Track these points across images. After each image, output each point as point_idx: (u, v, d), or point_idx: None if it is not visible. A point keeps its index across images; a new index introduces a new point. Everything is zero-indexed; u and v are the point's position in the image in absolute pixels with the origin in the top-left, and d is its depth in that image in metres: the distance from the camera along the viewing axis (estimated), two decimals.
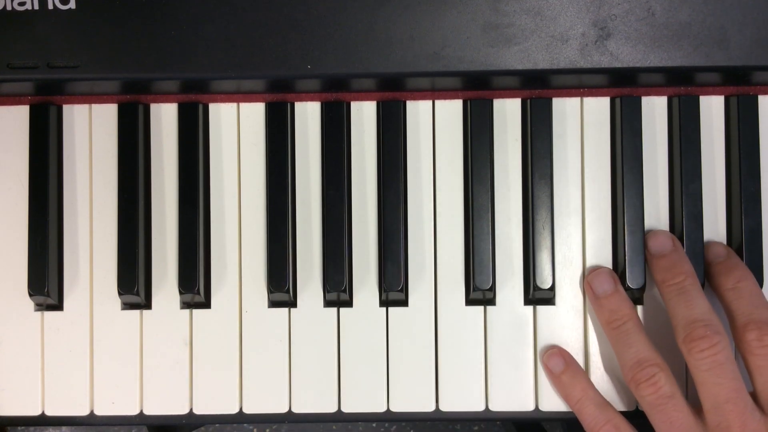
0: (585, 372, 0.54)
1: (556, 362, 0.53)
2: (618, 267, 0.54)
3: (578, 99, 0.55)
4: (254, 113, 0.55)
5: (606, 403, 0.52)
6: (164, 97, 0.55)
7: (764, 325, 0.49)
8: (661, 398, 0.50)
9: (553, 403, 0.54)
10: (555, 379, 0.53)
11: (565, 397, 0.53)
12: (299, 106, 0.55)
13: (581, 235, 0.55)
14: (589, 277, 0.53)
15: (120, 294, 0.53)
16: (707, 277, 0.53)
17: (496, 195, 0.54)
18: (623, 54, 0.51)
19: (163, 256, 0.55)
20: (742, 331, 0.50)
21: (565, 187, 0.54)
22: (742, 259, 0.53)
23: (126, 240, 0.54)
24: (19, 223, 0.54)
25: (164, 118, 0.55)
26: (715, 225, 0.54)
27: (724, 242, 0.54)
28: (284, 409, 0.54)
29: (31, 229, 0.54)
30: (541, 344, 0.54)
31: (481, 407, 0.54)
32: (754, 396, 0.50)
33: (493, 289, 0.53)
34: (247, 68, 0.51)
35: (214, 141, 0.55)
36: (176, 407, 0.54)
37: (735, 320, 0.50)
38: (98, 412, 0.54)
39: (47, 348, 0.55)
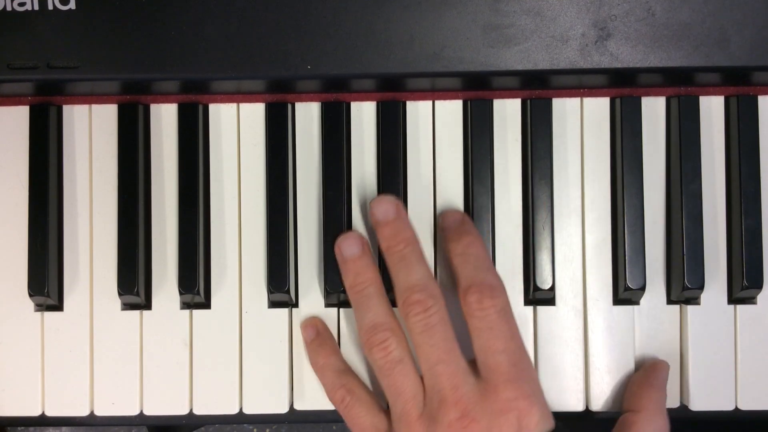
0: (334, 341, 0.54)
1: (309, 332, 0.54)
2: (618, 267, 0.54)
3: (578, 99, 0.55)
4: (254, 113, 0.55)
5: (346, 370, 0.53)
6: (164, 97, 0.55)
7: (485, 289, 0.49)
8: (389, 362, 0.50)
9: (552, 402, 0.54)
10: (306, 346, 0.54)
11: (312, 363, 0.54)
12: (299, 106, 0.55)
13: (581, 235, 0.55)
14: (338, 239, 0.53)
15: (120, 294, 0.53)
16: (443, 243, 0.53)
17: (496, 195, 0.54)
18: (623, 54, 0.51)
19: (163, 256, 0.55)
20: (464, 294, 0.49)
21: (565, 187, 0.54)
22: (741, 260, 0.53)
23: (126, 240, 0.54)
24: (19, 223, 0.54)
25: (164, 118, 0.55)
26: (715, 225, 0.54)
27: (724, 242, 0.54)
28: (284, 409, 0.54)
29: (31, 229, 0.54)
30: (541, 344, 0.54)
31: None
32: (474, 362, 0.49)
33: None
34: (247, 68, 0.51)
35: (214, 141, 0.55)
36: (176, 407, 0.54)
37: (460, 284, 0.50)
38: (98, 413, 0.54)
39: (47, 348, 0.55)
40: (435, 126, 0.55)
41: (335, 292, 0.53)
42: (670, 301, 0.54)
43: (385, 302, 0.52)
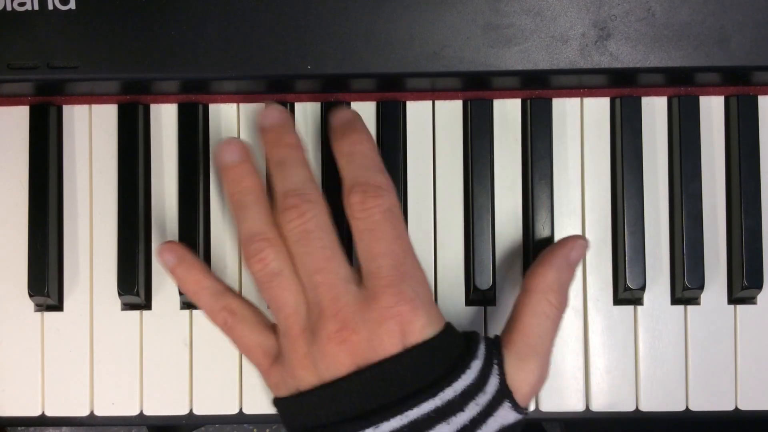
0: (201, 264, 0.51)
1: (167, 258, 0.50)
2: (618, 267, 0.54)
3: (578, 99, 0.55)
4: (254, 113, 0.55)
5: (223, 290, 0.50)
6: (164, 97, 0.55)
7: (369, 188, 0.46)
8: (267, 275, 0.47)
9: (552, 402, 0.54)
10: (171, 274, 0.51)
11: (183, 290, 0.51)
12: (299, 106, 0.55)
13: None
14: (217, 146, 0.51)
15: (120, 294, 0.53)
16: (331, 143, 0.50)
17: (496, 195, 0.54)
18: (623, 54, 0.51)
19: None
20: (347, 194, 0.47)
21: (565, 187, 0.54)
22: (741, 260, 0.53)
23: (126, 240, 0.54)
24: (19, 223, 0.54)
25: (164, 118, 0.55)
26: (715, 225, 0.54)
27: (724, 242, 0.54)
28: None
29: (31, 229, 0.54)
30: None
31: None
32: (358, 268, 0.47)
33: (493, 289, 0.53)
34: (247, 68, 0.51)
35: (215, 141, 0.55)
36: (176, 407, 0.54)
37: (344, 185, 0.47)
38: (98, 413, 0.54)
39: (47, 348, 0.55)
40: (435, 126, 0.55)
41: None
42: (674, 301, 0.54)
43: (263, 210, 0.48)
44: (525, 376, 0.46)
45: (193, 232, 0.54)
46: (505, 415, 0.45)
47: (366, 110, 0.55)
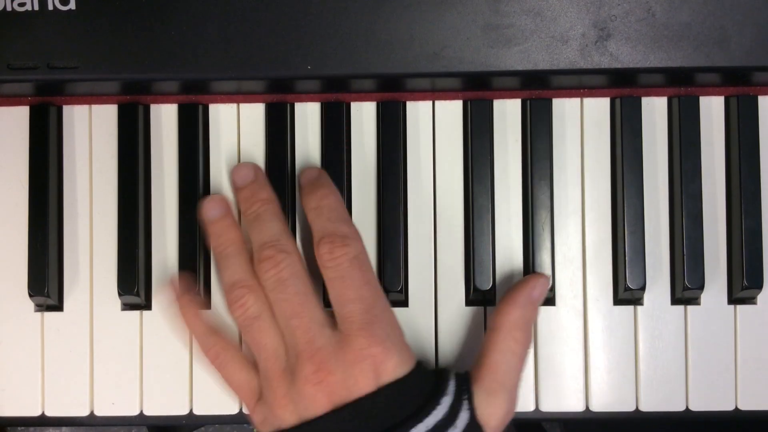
0: (201, 302, 0.54)
1: (177, 288, 0.53)
2: (618, 267, 0.54)
3: (578, 99, 0.55)
4: (254, 113, 0.55)
5: (214, 331, 0.52)
6: (164, 97, 0.55)
7: (337, 239, 0.49)
8: (248, 319, 0.49)
9: (552, 402, 0.54)
10: (176, 301, 0.53)
11: (182, 319, 0.53)
12: (299, 107, 0.55)
13: (581, 235, 0.55)
14: (202, 202, 0.53)
15: (120, 294, 0.53)
16: (301, 199, 0.53)
17: (496, 195, 0.54)
18: (623, 54, 0.51)
19: (163, 256, 0.55)
20: (317, 246, 0.49)
21: (565, 187, 0.54)
22: (741, 260, 0.53)
23: (126, 240, 0.54)
24: (19, 223, 0.54)
25: (164, 118, 0.55)
26: (715, 225, 0.54)
27: (724, 242, 0.54)
28: None
29: (31, 229, 0.54)
30: (540, 345, 0.54)
31: None
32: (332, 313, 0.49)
33: (492, 289, 0.53)
34: (247, 68, 0.51)
35: (214, 141, 0.55)
36: (176, 407, 0.54)
37: (314, 237, 0.50)
38: (98, 413, 0.54)
39: (47, 348, 0.55)
40: (435, 126, 0.55)
41: None
42: (674, 301, 0.54)
43: (244, 261, 0.51)
44: (494, 411, 0.48)
45: (193, 232, 0.54)
46: None
47: (366, 110, 0.55)
